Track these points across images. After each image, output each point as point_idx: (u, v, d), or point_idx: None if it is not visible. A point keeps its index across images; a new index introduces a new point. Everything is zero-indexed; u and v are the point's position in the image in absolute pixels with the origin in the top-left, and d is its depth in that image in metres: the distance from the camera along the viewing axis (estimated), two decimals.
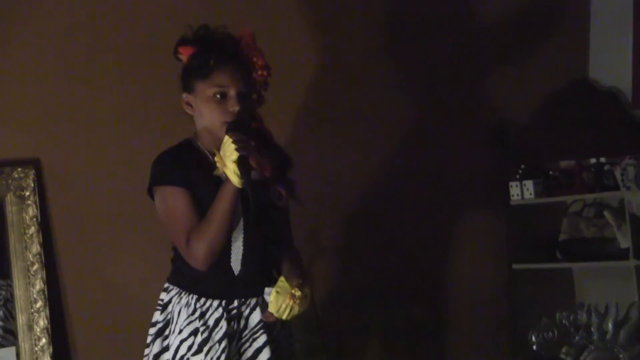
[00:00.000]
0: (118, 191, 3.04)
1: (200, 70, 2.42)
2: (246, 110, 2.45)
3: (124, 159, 3.03)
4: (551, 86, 3.75)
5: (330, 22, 3.44)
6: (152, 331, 2.52)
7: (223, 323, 2.44)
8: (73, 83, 3.08)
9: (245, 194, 2.37)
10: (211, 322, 2.44)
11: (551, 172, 3.75)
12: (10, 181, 2.99)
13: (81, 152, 3.07)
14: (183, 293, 2.48)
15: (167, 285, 2.53)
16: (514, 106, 3.72)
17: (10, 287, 3.03)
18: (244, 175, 2.31)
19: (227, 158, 2.33)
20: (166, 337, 2.50)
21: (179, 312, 2.48)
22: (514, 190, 3.69)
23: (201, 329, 2.45)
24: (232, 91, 2.41)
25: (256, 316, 2.47)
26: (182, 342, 2.45)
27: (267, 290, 2.47)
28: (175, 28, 2.62)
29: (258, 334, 2.47)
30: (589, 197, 3.78)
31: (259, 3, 3.30)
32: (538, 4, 3.77)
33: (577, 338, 3.36)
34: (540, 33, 3.78)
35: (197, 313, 2.46)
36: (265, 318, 2.45)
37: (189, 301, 2.48)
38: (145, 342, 2.55)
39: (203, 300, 2.47)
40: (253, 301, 2.46)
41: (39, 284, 2.99)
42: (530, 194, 3.69)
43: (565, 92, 3.76)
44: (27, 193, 3.01)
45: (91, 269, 3.08)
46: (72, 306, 3.06)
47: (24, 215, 3.01)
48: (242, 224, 2.46)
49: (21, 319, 2.98)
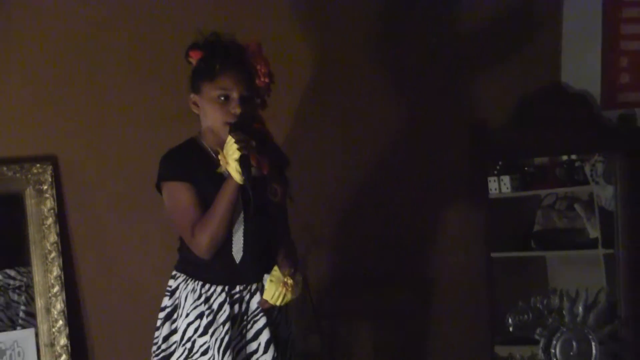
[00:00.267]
0: (128, 185, 3.06)
1: (206, 73, 2.46)
2: (248, 112, 2.47)
3: (135, 156, 3.05)
4: (526, 89, 3.76)
5: (322, 33, 3.45)
6: (162, 315, 2.56)
7: (226, 307, 2.49)
8: (87, 85, 3.09)
9: (245, 190, 2.41)
10: (215, 306, 2.49)
11: (526, 168, 3.80)
12: (29, 176, 3.02)
13: (95, 150, 3.10)
14: (189, 280, 2.53)
15: (175, 272, 2.58)
16: (493, 107, 3.73)
17: (29, 274, 3.05)
18: (245, 172, 2.35)
19: (230, 157, 2.37)
20: (174, 321, 2.54)
21: (186, 298, 2.52)
22: (492, 184, 3.73)
23: (206, 313, 2.49)
24: (235, 94, 2.45)
25: (257, 300, 2.52)
26: (189, 325, 2.50)
27: (266, 276, 2.52)
28: (188, 29, 2.66)
29: (258, 317, 2.52)
30: (561, 191, 3.83)
31: (259, 14, 3.30)
32: (515, 14, 3.76)
33: (550, 320, 3.50)
34: (516, 40, 3.78)
35: (203, 298, 2.50)
36: (261, 304, 2.50)
37: (195, 287, 2.51)
38: (154, 325, 2.59)
39: (207, 286, 2.50)
40: (254, 287, 2.51)
41: (56, 271, 3.03)
42: (507, 188, 3.74)
43: (539, 95, 3.76)
44: (45, 187, 3.04)
45: (103, 257, 3.11)
46: (87, 291, 3.09)
47: (42, 207, 3.04)
48: (242, 217, 2.49)
49: (40, 303, 3.02)
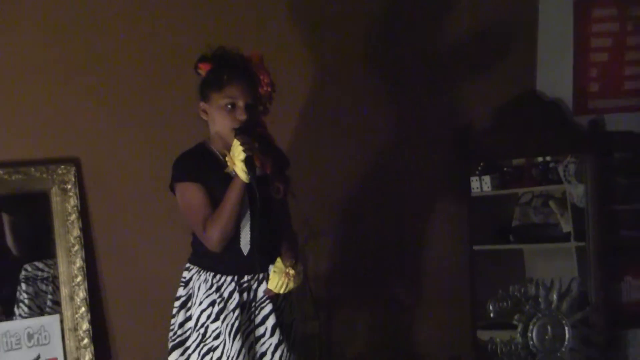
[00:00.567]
0: (144, 185, 3.08)
1: (215, 83, 2.49)
2: (252, 118, 2.50)
3: (149, 158, 3.07)
4: (505, 97, 3.76)
5: (319, 45, 3.46)
6: (177, 304, 2.60)
7: (236, 295, 2.53)
8: (107, 94, 3.11)
9: (251, 188, 2.45)
10: (226, 295, 2.53)
11: (505, 169, 3.80)
12: (55, 176, 3.04)
13: (114, 152, 3.12)
14: (202, 271, 2.56)
15: (188, 265, 2.61)
16: (475, 113, 3.72)
17: (55, 265, 3.06)
18: (250, 172, 2.39)
19: (236, 158, 2.40)
20: (189, 309, 2.59)
21: (199, 287, 2.56)
22: (474, 183, 3.72)
23: (217, 300, 2.53)
24: (241, 102, 2.47)
25: (263, 289, 2.56)
26: (202, 312, 2.54)
27: (272, 267, 2.56)
28: (199, 43, 2.70)
29: (265, 304, 2.56)
30: (537, 190, 3.83)
31: (261, 25, 3.31)
32: (495, 29, 3.73)
33: (527, 307, 3.49)
34: (496, 53, 3.75)
35: (214, 287, 2.54)
36: (266, 293, 2.54)
37: (207, 278, 2.55)
38: (168, 311, 2.64)
39: (218, 276, 2.54)
40: (260, 276, 2.55)
41: (79, 262, 3.05)
42: (487, 187, 3.73)
43: (516, 102, 3.78)
44: (69, 186, 3.06)
45: (122, 250, 3.14)
46: (107, 280, 3.13)
47: (66, 204, 3.06)
48: (249, 213, 2.52)
49: (64, 291, 3.04)
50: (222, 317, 2.51)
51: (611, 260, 3.81)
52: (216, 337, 2.52)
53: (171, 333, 2.61)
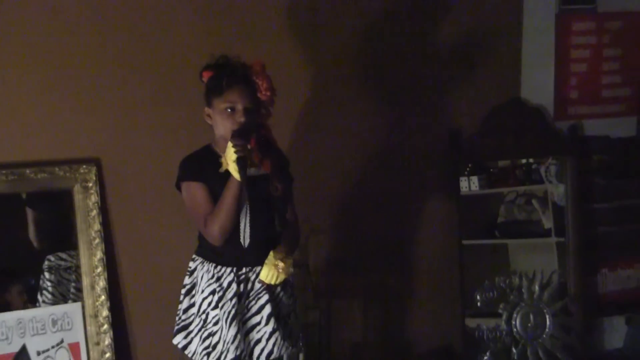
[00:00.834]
0: (159, 183, 3.07)
1: (216, 89, 2.52)
2: (251, 121, 2.52)
3: (164, 159, 3.04)
4: (492, 103, 3.74)
5: (318, 52, 3.45)
6: (183, 291, 2.66)
7: (234, 285, 2.56)
8: (126, 99, 3.13)
9: (251, 186, 2.47)
10: (225, 284, 2.56)
11: (492, 170, 3.81)
12: (77, 175, 3.07)
13: (132, 154, 3.14)
14: (205, 262, 2.61)
15: (194, 256, 2.66)
16: (464, 118, 3.72)
17: (78, 256, 3.09)
18: (241, 171, 2.42)
19: (229, 158, 2.44)
20: (193, 296, 2.64)
21: (202, 277, 2.60)
22: (463, 183, 3.72)
23: (217, 289, 2.57)
24: (240, 106, 2.50)
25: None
26: (204, 300, 2.59)
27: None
28: (208, 51, 2.68)
29: (262, 294, 2.59)
30: (521, 189, 3.85)
31: (258, 36, 3.29)
32: (483, 41, 3.73)
33: (512, 297, 3.63)
34: (484, 62, 3.73)
35: (215, 277, 2.58)
36: (259, 282, 2.57)
37: (209, 268, 2.59)
38: (177, 298, 2.69)
39: (219, 267, 2.58)
40: (258, 269, 2.58)
41: (99, 254, 3.08)
42: (475, 187, 3.73)
43: (503, 108, 3.77)
44: (90, 184, 3.08)
45: (139, 243, 3.17)
46: (125, 270, 3.16)
47: (88, 201, 3.08)
48: (248, 210, 2.55)
49: (85, 281, 3.07)
50: (221, 305, 2.55)
51: (589, 254, 3.87)
52: (215, 323, 2.56)
53: (177, 318, 2.66)
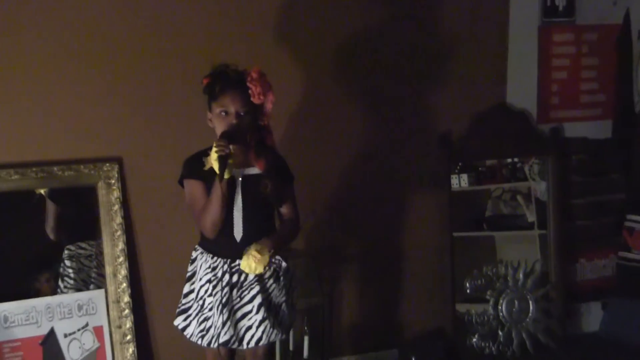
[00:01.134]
0: (176, 180, 2.82)
1: (211, 94, 2.58)
2: (243, 124, 2.55)
3: (182, 157, 2.78)
4: (480, 107, 3.81)
5: (316, 56, 3.44)
6: (186, 277, 2.73)
7: (227, 276, 2.61)
8: (146, 103, 3.17)
9: (245, 184, 2.56)
10: (219, 274, 2.62)
11: (480, 168, 3.86)
12: (101, 172, 3.12)
13: (151, 153, 3.20)
14: (204, 252, 2.67)
15: (196, 246, 2.73)
16: (455, 121, 3.76)
17: (98, 246, 3.16)
18: (220, 169, 2.45)
19: (212, 157, 2.49)
20: (193, 283, 2.70)
21: (201, 266, 2.67)
22: (454, 180, 3.78)
23: (212, 279, 2.63)
24: (232, 109, 2.54)
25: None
26: (202, 287, 2.66)
27: None
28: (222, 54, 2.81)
29: (253, 285, 2.63)
30: (506, 186, 3.92)
31: (256, 45, 3.29)
32: (472, 50, 3.77)
33: (498, 284, 3.77)
34: (473, 70, 3.78)
35: (211, 267, 2.64)
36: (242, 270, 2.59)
37: (207, 258, 2.65)
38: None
39: (215, 258, 2.64)
40: None
41: (121, 245, 3.14)
42: (465, 183, 3.79)
43: (490, 112, 3.83)
44: (113, 181, 3.14)
45: (157, 235, 3.24)
46: (144, 260, 3.22)
47: (111, 196, 3.14)
48: (242, 206, 2.59)
49: (108, 269, 3.14)
50: (214, 293, 2.61)
51: (568, 245, 3.98)
52: (210, 309, 2.62)
53: (179, 302, 2.74)
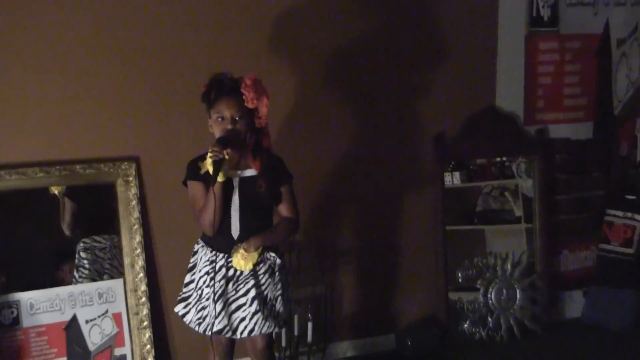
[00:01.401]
0: None
1: (208, 101, 2.63)
2: (240, 128, 2.59)
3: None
4: (471, 110, 3.87)
5: (306, 59, 3.45)
6: (188, 268, 2.80)
7: (223, 269, 2.67)
8: (162, 106, 3.21)
9: (242, 185, 2.61)
10: (217, 267, 2.68)
11: (471, 166, 3.94)
12: (119, 170, 3.18)
13: (167, 152, 3.25)
14: (205, 246, 2.73)
15: (199, 240, 2.79)
16: (448, 123, 3.83)
17: (112, 239, 3.22)
18: (214, 173, 2.51)
19: (207, 162, 2.55)
20: (194, 273, 2.76)
21: (201, 258, 2.73)
22: (447, 178, 3.85)
23: (210, 271, 2.69)
24: (227, 115, 2.59)
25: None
26: (201, 278, 2.72)
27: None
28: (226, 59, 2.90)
29: (248, 279, 2.68)
30: (495, 183, 3.99)
31: (255, 49, 3.31)
32: (464, 57, 3.81)
33: (488, 274, 3.87)
34: (465, 75, 3.84)
35: (209, 261, 2.69)
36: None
37: (207, 252, 2.71)
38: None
39: (214, 252, 2.69)
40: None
41: (138, 237, 3.21)
42: (457, 181, 3.87)
43: (480, 114, 3.89)
44: (131, 178, 3.19)
45: (171, 229, 3.29)
46: (159, 251, 3.28)
47: (129, 193, 3.20)
48: (239, 206, 2.63)
49: (126, 260, 3.20)
50: (211, 284, 2.67)
51: (552, 238, 4.07)
52: (207, 299, 2.68)
53: (181, 291, 2.80)
